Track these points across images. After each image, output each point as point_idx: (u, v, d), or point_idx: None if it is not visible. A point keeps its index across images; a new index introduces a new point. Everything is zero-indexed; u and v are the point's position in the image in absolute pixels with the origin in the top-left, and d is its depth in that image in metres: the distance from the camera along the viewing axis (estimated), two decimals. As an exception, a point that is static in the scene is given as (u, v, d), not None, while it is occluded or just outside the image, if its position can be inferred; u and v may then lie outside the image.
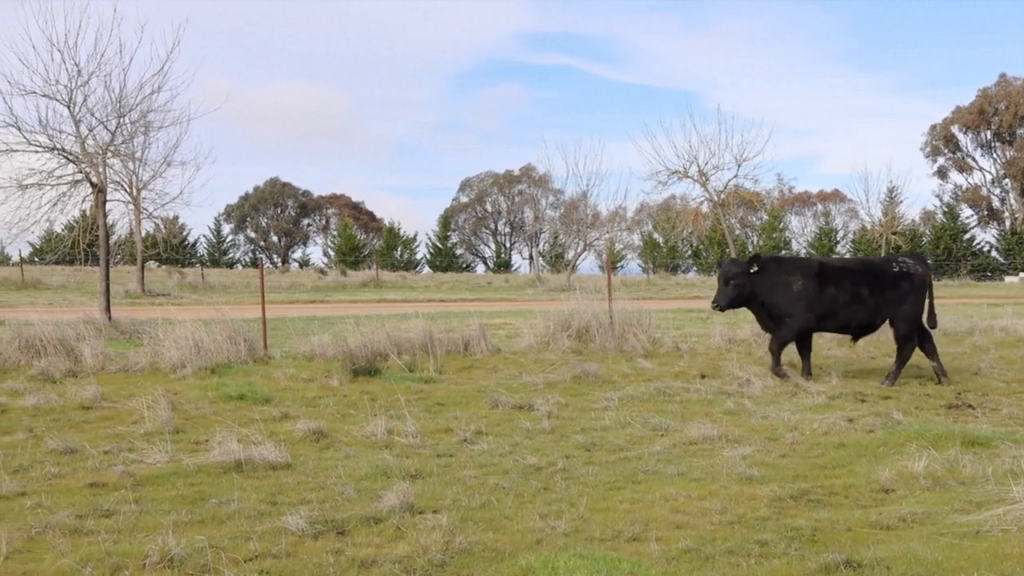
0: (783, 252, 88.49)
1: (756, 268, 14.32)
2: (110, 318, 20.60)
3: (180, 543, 5.96)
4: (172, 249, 50.63)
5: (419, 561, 5.87)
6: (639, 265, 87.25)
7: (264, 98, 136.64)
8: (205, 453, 8.85)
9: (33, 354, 14.37)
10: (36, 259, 61.03)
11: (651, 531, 6.52)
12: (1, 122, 20.99)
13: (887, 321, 14.68)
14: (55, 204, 22.09)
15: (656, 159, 40.94)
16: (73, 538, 6.36)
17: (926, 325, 14.84)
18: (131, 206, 35.76)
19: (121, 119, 22.44)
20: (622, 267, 77.64)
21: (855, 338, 15.46)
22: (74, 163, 21.78)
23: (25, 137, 21.17)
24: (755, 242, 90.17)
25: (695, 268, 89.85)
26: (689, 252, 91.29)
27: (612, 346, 17.04)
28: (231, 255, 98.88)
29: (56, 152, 21.56)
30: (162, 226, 43.45)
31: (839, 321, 14.51)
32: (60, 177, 21.78)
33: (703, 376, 14.27)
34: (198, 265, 70.97)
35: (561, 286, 44.54)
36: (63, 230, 27.84)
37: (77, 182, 21.96)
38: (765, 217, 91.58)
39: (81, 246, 24.82)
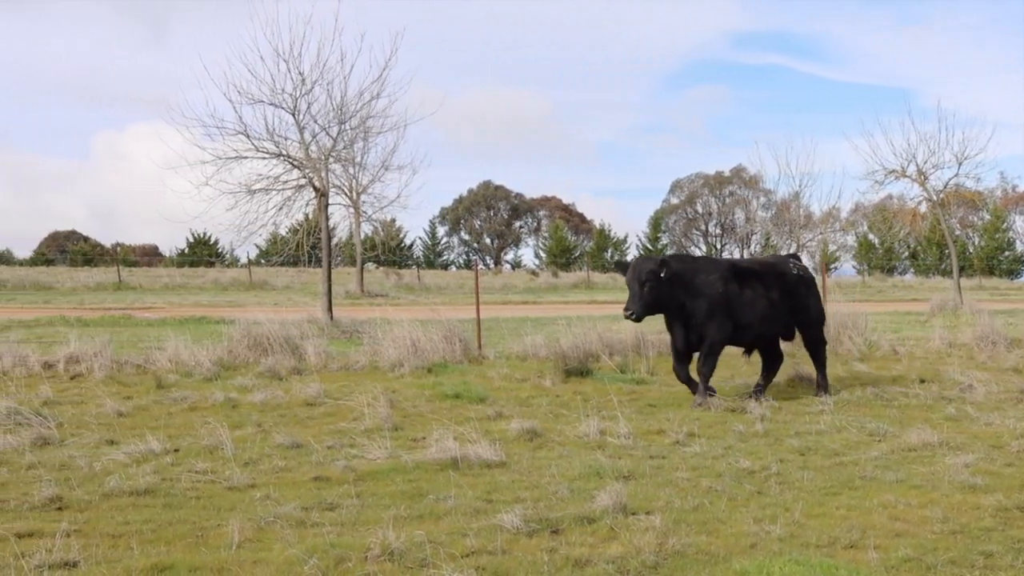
0: (1007, 253, 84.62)
1: (665, 273, 12.02)
2: (332, 318, 21.34)
3: (400, 537, 6.13)
4: (390, 251, 51.96)
5: (632, 562, 5.88)
6: (853, 267, 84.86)
7: (470, 103, 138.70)
8: (423, 450, 9.07)
9: (261, 352, 15.01)
10: (262, 261, 63.62)
11: (869, 538, 6.36)
12: (232, 130, 22.04)
13: (787, 329, 13.26)
14: (280, 208, 23.05)
15: (872, 158, 39.39)
16: (299, 529, 6.63)
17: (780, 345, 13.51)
18: (351, 209, 36.91)
19: (342, 125, 23.22)
20: (836, 269, 75.57)
21: (749, 351, 13.55)
22: (298, 168, 22.67)
23: (253, 144, 22.18)
24: (976, 243, 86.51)
25: (912, 270, 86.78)
26: (906, 253, 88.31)
27: (826, 349, 16.64)
28: (446, 257, 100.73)
29: (282, 158, 22.49)
30: (380, 229, 44.66)
31: (754, 332, 12.75)
32: (285, 182, 22.72)
33: (922, 380, 13.79)
34: (414, 267, 72.61)
35: (774, 287, 43.71)
36: (287, 233, 28.92)
37: (301, 187, 22.84)
38: (987, 217, 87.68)
39: (304, 248, 25.77)
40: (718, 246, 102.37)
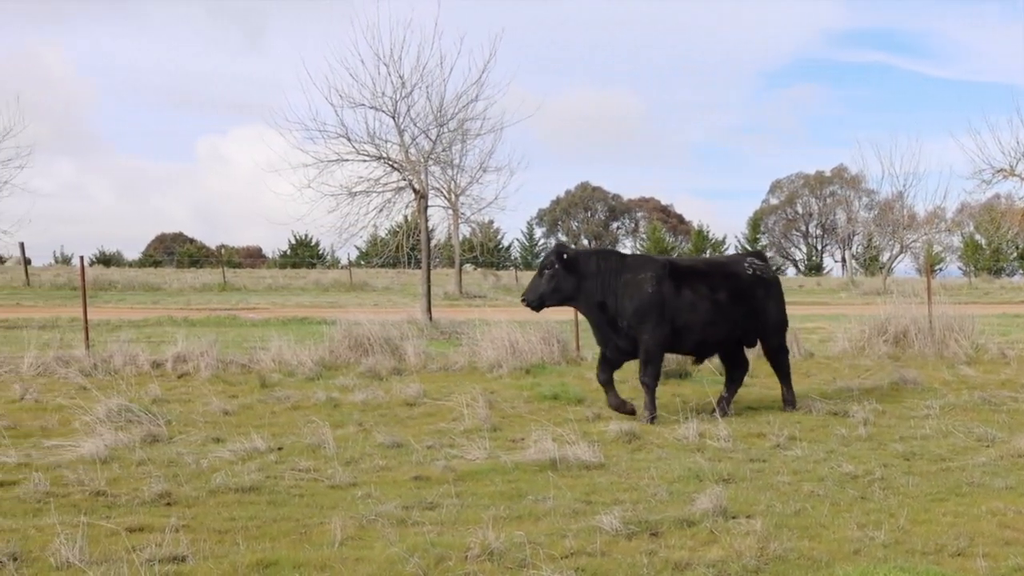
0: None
1: (560, 264, 11.43)
2: (431, 319, 21.54)
3: (499, 538, 6.17)
4: (488, 252, 52.16)
5: (733, 566, 5.85)
6: (959, 268, 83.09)
7: (567, 103, 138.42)
8: (521, 451, 9.12)
9: (361, 352, 15.21)
10: (362, 262, 64.19)
11: (977, 546, 6.23)
12: (333, 133, 22.42)
13: (745, 336, 12.02)
14: (381, 210, 23.38)
15: (979, 157, 38.49)
16: (400, 528, 6.71)
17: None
18: (449, 211, 37.11)
19: (441, 128, 23.44)
20: (941, 270, 74.07)
21: (699, 359, 12.58)
22: (398, 171, 22.94)
23: (354, 147, 22.54)
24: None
25: (1021, 271, 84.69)
26: (1015, 254, 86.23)
27: (931, 352, 16.37)
28: (542, 258, 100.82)
29: (382, 161, 22.80)
30: (478, 230, 44.83)
31: (697, 336, 11.55)
32: (385, 184, 23.03)
33: (1032, 385, 13.46)
34: (512, 268, 72.79)
35: (876, 289, 43.13)
36: (387, 235, 29.28)
37: (401, 189, 23.13)
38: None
39: (404, 250, 26.06)
40: (819, 247, 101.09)
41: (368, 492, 7.72)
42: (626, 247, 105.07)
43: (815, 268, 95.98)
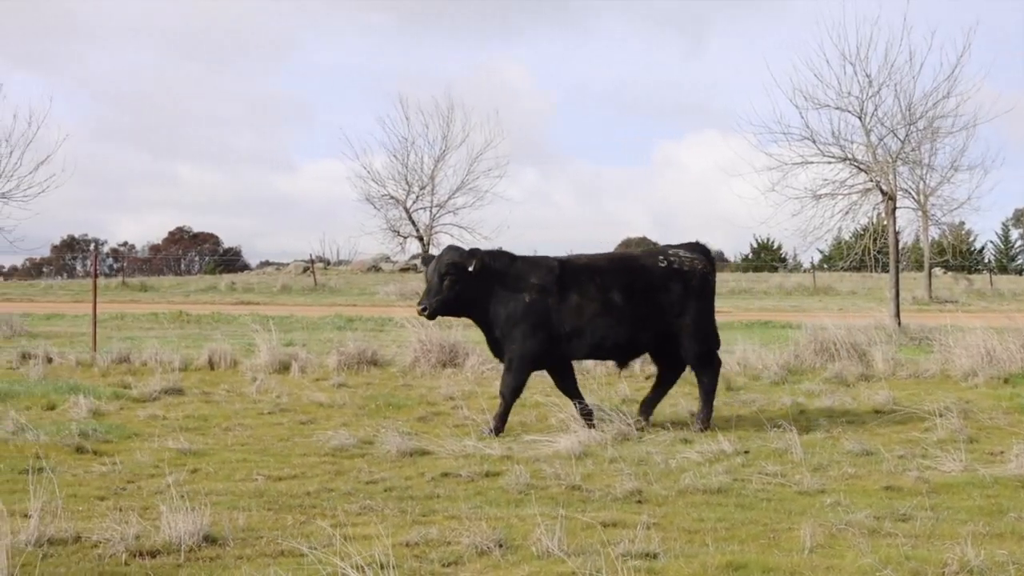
0: None
1: (474, 267, 10.29)
2: (899, 324, 20.90)
3: (979, 555, 5.87)
4: (960, 255, 49.71)
5: None
6: None
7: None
8: (1001, 465, 8.66)
9: (827, 357, 15.00)
10: (824, 266, 63.05)
11: None
12: (797, 135, 22.36)
13: (664, 338, 10.80)
14: (846, 212, 23.00)
15: None
16: (871, 538, 6.56)
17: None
18: (918, 213, 35.75)
19: (910, 127, 22.69)
20: None
21: (620, 363, 11.47)
22: (865, 172, 22.45)
23: (819, 149, 22.38)
24: None
25: None
26: None
27: None
28: (1019, 261, 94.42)
29: (848, 162, 22.43)
30: (948, 232, 42.82)
31: (588, 340, 10.49)
32: (851, 186, 22.62)
33: None
34: (985, 271, 68.77)
35: None
36: (851, 238, 28.65)
37: (867, 191, 22.63)
38: None
39: (871, 253, 25.40)
40: None
41: (837, 500, 7.60)
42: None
43: None
